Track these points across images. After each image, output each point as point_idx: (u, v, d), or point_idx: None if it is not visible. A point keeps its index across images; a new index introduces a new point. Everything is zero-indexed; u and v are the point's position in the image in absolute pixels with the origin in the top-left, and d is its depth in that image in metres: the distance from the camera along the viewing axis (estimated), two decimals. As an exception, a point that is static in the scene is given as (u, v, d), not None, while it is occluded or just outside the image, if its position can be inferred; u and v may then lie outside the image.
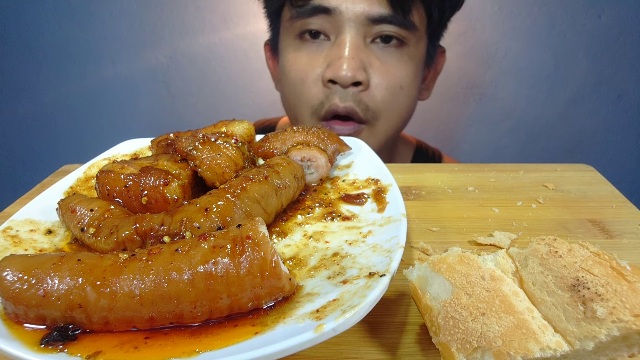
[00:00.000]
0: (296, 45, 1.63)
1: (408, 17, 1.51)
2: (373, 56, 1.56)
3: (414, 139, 2.10)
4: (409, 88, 1.64)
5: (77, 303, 0.60)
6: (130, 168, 0.91)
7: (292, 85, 1.67)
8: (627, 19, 2.44)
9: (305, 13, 1.54)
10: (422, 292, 0.66)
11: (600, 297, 0.55)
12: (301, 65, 1.62)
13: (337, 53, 1.53)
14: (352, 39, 1.52)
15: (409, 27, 1.53)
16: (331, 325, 0.56)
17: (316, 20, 1.54)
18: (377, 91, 1.58)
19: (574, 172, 1.29)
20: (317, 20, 1.54)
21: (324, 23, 1.54)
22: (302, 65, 1.62)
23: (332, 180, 1.08)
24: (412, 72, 1.62)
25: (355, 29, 1.51)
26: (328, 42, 1.58)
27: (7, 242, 0.81)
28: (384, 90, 1.59)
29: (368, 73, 1.56)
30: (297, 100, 1.67)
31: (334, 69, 1.52)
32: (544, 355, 0.54)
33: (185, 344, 0.59)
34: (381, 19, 1.50)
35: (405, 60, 1.59)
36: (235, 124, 1.12)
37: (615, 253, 0.66)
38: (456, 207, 1.12)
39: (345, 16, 1.50)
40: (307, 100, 1.63)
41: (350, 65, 1.50)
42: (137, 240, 0.77)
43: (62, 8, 2.61)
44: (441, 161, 2.06)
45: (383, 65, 1.57)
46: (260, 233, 0.65)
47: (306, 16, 1.54)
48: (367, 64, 1.55)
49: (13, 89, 2.85)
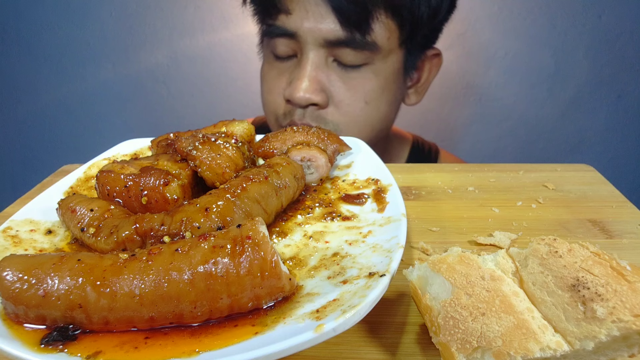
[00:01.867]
0: (271, 60, 1.70)
1: (367, 39, 1.49)
2: (334, 75, 1.58)
3: (410, 134, 2.10)
4: (375, 102, 1.65)
5: (77, 303, 0.60)
6: (130, 168, 0.91)
7: (263, 93, 1.78)
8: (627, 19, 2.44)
9: (272, 34, 1.60)
10: (422, 292, 0.66)
11: (600, 297, 0.55)
12: (270, 79, 1.70)
13: (297, 74, 1.57)
14: (312, 60, 1.54)
15: (369, 48, 1.52)
16: (331, 325, 0.56)
17: (281, 42, 1.59)
18: (339, 107, 1.61)
19: (574, 172, 1.29)
20: (282, 41, 1.59)
21: (289, 44, 1.58)
22: (271, 80, 1.69)
23: (332, 180, 1.08)
24: (377, 87, 1.62)
25: (316, 50, 1.54)
26: (295, 60, 1.63)
27: (7, 242, 0.81)
28: (347, 107, 1.61)
29: (328, 92, 1.59)
30: (265, 107, 1.78)
31: (291, 90, 1.56)
32: (544, 355, 0.54)
33: (185, 344, 0.59)
34: (338, 41, 1.50)
35: (370, 77, 1.59)
36: (235, 124, 1.12)
37: (615, 253, 0.66)
38: (456, 207, 1.12)
39: (304, 39, 1.52)
40: (273, 110, 1.72)
41: (306, 88, 1.53)
42: (137, 240, 0.77)
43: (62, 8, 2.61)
44: (438, 156, 2.05)
45: (344, 84, 1.59)
46: (260, 233, 0.65)
47: (273, 36, 1.60)
48: (328, 84, 1.58)
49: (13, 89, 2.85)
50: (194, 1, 2.57)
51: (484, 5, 2.47)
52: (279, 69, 1.66)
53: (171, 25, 2.64)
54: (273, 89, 1.68)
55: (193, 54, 2.70)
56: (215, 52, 2.69)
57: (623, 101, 2.66)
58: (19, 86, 2.84)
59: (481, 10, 2.48)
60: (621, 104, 2.67)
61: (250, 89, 2.76)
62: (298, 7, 1.50)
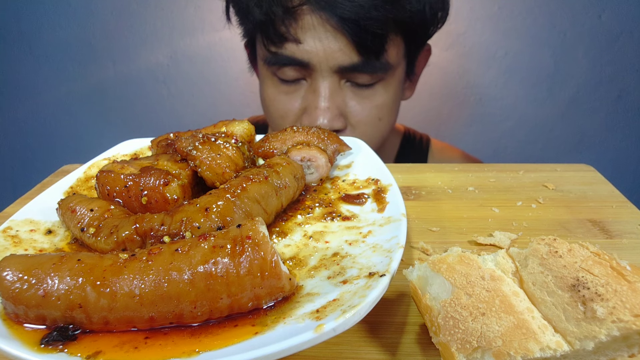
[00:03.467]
0: (274, 82, 1.64)
1: (381, 60, 1.50)
2: (349, 96, 1.58)
3: (402, 126, 2.11)
4: (387, 117, 1.67)
5: (77, 303, 0.60)
6: (130, 168, 0.91)
7: (273, 118, 1.72)
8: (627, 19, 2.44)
9: (279, 62, 1.55)
10: (422, 292, 0.66)
11: (600, 297, 0.55)
12: (280, 104, 1.65)
13: (313, 102, 1.55)
14: (326, 87, 1.53)
15: (382, 69, 1.53)
16: (331, 325, 0.56)
17: (289, 69, 1.55)
18: (356, 127, 1.62)
19: (574, 172, 1.29)
20: (291, 69, 1.55)
21: (298, 71, 1.55)
22: (282, 104, 1.65)
23: (332, 180, 1.08)
24: (390, 100, 1.63)
25: (330, 77, 1.53)
26: (305, 83, 1.60)
27: (7, 242, 0.81)
28: (364, 127, 1.62)
29: (345, 115, 1.59)
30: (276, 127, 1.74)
31: (311, 119, 1.55)
32: (544, 355, 0.54)
33: (185, 344, 0.59)
34: (353, 67, 1.50)
35: (381, 93, 1.60)
36: (235, 124, 1.12)
37: (615, 253, 0.66)
38: (456, 207, 1.12)
39: (317, 67, 1.51)
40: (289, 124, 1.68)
41: (326, 116, 1.53)
42: (137, 240, 0.77)
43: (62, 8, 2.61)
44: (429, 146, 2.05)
45: (359, 104, 1.59)
46: (260, 233, 0.65)
47: (280, 65, 1.56)
48: (344, 106, 1.58)
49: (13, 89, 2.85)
50: (194, 1, 2.57)
51: (484, 5, 2.47)
52: (287, 93, 1.63)
53: (171, 25, 2.64)
54: (287, 114, 1.65)
55: (193, 54, 2.70)
56: (215, 52, 2.69)
57: (623, 101, 2.66)
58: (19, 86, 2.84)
59: (481, 10, 2.48)
60: (621, 104, 2.67)
61: (250, 89, 2.76)
62: (309, 37, 1.47)
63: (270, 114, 1.74)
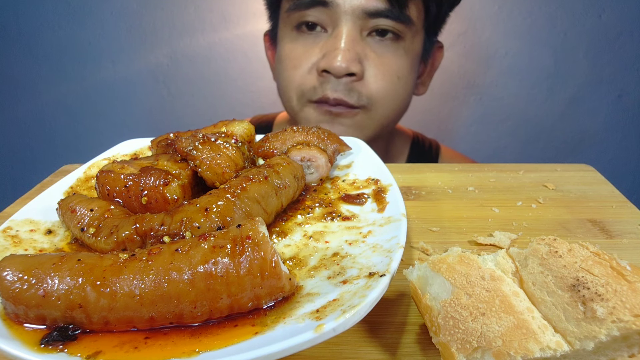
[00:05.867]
0: (293, 36, 1.67)
1: (404, 12, 1.54)
2: (369, 49, 1.60)
3: (411, 130, 2.12)
4: (406, 79, 1.68)
5: (77, 303, 0.60)
6: (130, 168, 0.91)
7: (285, 72, 1.72)
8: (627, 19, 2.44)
9: (303, 5, 1.58)
10: (422, 292, 0.66)
11: (600, 297, 0.55)
12: (297, 55, 1.67)
13: (333, 45, 1.57)
14: (348, 31, 1.55)
15: (405, 21, 1.56)
16: (331, 325, 0.56)
17: (313, 13, 1.58)
18: (372, 80, 1.62)
19: (574, 172, 1.29)
20: (314, 12, 1.57)
21: (321, 15, 1.58)
22: (298, 55, 1.66)
23: (332, 180, 1.08)
24: (407, 65, 1.66)
25: (352, 21, 1.55)
26: (325, 33, 1.62)
27: (7, 242, 0.81)
28: (380, 80, 1.63)
29: (363, 65, 1.60)
30: (288, 84, 1.72)
31: (328, 59, 1.56)
32: (544, 355, 0.54)
33: (185, 344, 0.59)
34: (377, 12, 1.52)
35: (401, 54, 1.63)
36: (235, 124, 1.12)
37: (615, 253, 0.66)
38: (456, 207, 1.12)
39: (342, 9, 1.53)
40: (298, 85, 1.67)
41: (345, 57, 1.53)
42: (137, 240, 0.77)
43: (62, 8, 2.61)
44: (439, 152, 2.07)
45: (379, 57, 1.61)
46: (260, 233, 0.65)
47: (303, 8, 1.58)
48: (363, 56, 1.59)
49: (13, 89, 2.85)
50: (194, 1, 2.57)
51: (485, 5, 2.47)
52: (305, 43, 1.65)
53: (171, 25, 2.64)
54: (301, 63, 1.65)
55: (193, 54, 2.70)
56: (215, 52, 2.69)
57: (623, 101, 2.66)
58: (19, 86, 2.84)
59: (482, 9, 2.48)
60: (621, 104, 2.66)
61: (250, 89, 2.76)
62: None
63: (281, 70, 1.73)
